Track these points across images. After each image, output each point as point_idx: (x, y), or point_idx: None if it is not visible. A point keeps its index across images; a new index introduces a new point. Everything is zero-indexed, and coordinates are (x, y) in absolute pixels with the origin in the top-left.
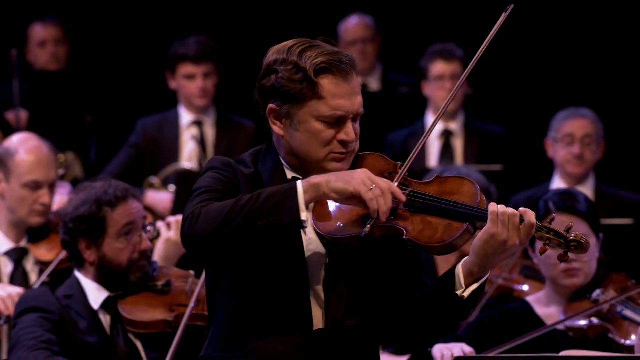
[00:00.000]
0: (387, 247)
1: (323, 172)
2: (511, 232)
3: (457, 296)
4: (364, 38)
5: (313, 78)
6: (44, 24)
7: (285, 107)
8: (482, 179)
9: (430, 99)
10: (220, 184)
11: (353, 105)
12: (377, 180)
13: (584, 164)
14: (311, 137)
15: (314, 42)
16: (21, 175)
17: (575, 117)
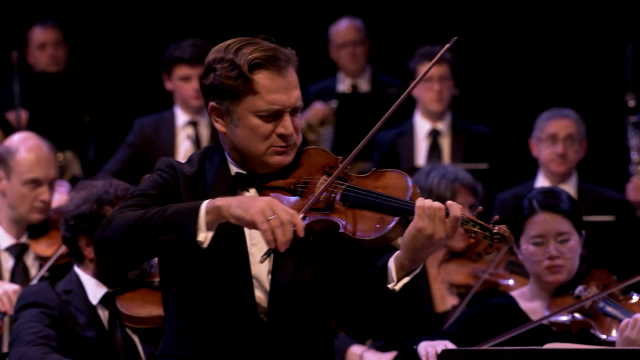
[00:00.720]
0: (328, 239)
1: (266, 166)
2: (437, 226)
3: (389, 289)
4: (354, 41)
5: (247, 74)
6: (44, 27)
7: (225, 104)
8: (468, 177)
9: (419, 99)
10: (155, 187)
11: (289, 99)
12: (279, 210)
13: (567, 162)
14: (250, 132)
15: (252, 40)
16: (21, 173)
17: (559, 118)
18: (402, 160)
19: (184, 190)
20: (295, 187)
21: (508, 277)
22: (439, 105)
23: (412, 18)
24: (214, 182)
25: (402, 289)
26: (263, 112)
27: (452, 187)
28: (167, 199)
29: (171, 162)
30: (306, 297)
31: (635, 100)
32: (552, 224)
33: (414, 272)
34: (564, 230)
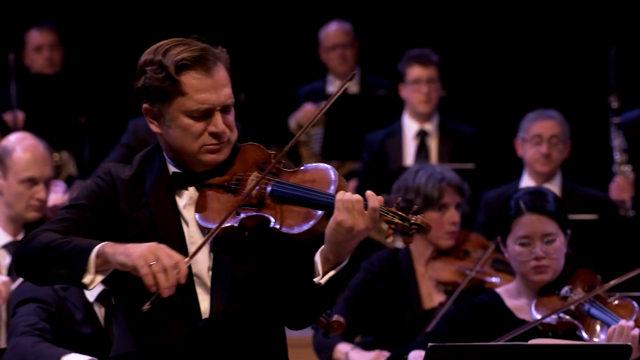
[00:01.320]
0: (263, 234)
1: (201, 164)
2: (357, 218)
3: (315, 283)
4: (343, 43)
5: (174, 75)
6: (40, 30)
7: (157, 106)
8: (455, 177)
9: (407, 101)
10: (89, 196)
11: (219, 98)
12: (162, 255)
13: (551, 162)
14: (183, 132)
15: (182, 41)
16: (18, 172)
17: (543, 118)
18: (390, 161)
19: (122, 194)
20: (229, 184)
21: (494, 274)
22: (427, 107)
23: (400, 21)
24: (154, 183)
25: (327, 283)
26: (193, 112)
27: (439, 186)
28: (100, 207)
29: (109, 169)
30: (246, 292)
31: (618, 102)
32: (538, 225)
33: (340, 265)
34: (550, 231)
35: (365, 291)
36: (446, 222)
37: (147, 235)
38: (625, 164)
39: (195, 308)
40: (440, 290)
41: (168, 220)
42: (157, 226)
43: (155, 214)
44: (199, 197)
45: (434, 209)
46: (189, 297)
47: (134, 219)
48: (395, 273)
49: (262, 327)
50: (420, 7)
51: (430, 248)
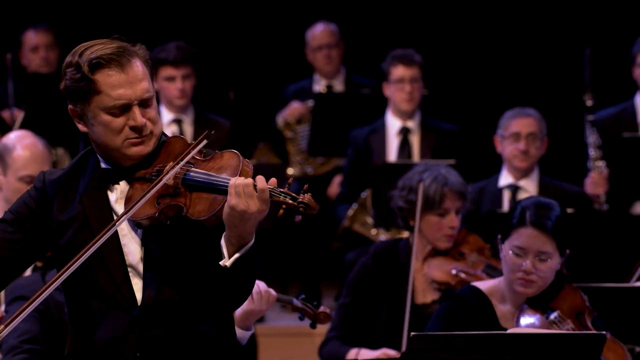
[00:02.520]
0: (181, 222)
1: (127, 158)
2: (248, 201)
3: (221, 266)
4: (329, 44)
5: (89, 75)
6: (37, 31)
7: (79, 106)
8: (458, 181)
9: (390, 99)
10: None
11: (135, 92)
12: None
13: (529, 158)
14: (105, 129)
15: (98, 41)
16: (17, 169)
17: (521, 116)
18: (374, 156)
19: (57, 195)
20: (151, 176)
21: (485, 279)
22: (410, 105)
23: (384, 22)
24: (88, 181)
25: (234, 264)
26: (111, 109)
27: (441, 191)
28: (30, 216)
29: (42, 175)
30: (176, 279)
31: (592, 100)
32: (536, 241)
33: (245, 246)
34: (545, 250)
35: (361, 288)
36: (445, 226)
37: (81, 231)
38: (600, 159)
39: (132, 298)
40: (434, 287)
41: (100, 215)
42: (90, 222)
43: (87, 210)
44: (128, 190)
45: (434, 212)
46: (125, 288)
47: (68, 220)
48: (391, 264)
49: (197, 312)
50: (403, 9)
51: (429, 247)
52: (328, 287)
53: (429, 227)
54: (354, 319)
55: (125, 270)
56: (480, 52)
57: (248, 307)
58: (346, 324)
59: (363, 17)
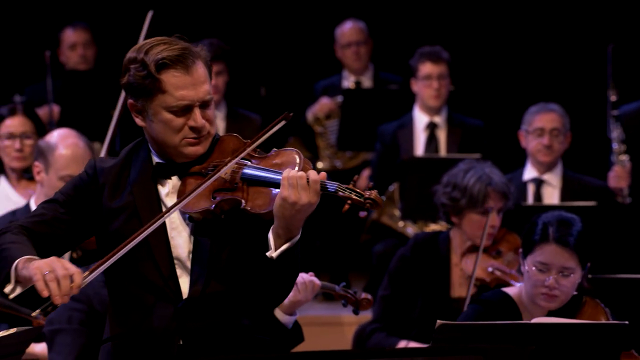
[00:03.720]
0: (238, 216)
1: (183, 155)
2: (300, 193)
3: (267, 257)
4: (357, 41)
5: (154, 74)
6: (75, 29)
7: (140, 102)
8: (502, 181)
9: (418, 95)
10: (71, 190)
11: (197, 94)
12: (56, 267)
13: (553, 153)
14: (164, 126)
15: (163, 40)
16: (59, 168)
17: (545, 112)
18: (402, 151)
19: (106, 183)
20: (207, 171)
21: (520, 280)
22: (437, 102)
23: (411, 20)
24: (138, 173)
25: (280, 256)
26: (173, 108)
27: (485, 190)
28: (80, 200)
29: (93, 162)
30: (224, 273)
31: (616, 96)
32: (559, 258)
33: (292, 239)
34: (569, 265)
35: (400, 279)
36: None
37: (130, 221)
38: (623, 153)
39: (177, 290)
40: (469, 282)
41: (150, 207)
42: (139, 213)
43: (137, 201)
44: (181, 185)
45: (476, 210)
46: (170, 280)
47: (118, 209)
48: (431, 256)
49: (240, 305)
50: (430, 7)
51: (468, 242)
52: (356, 278)
53: (470, 224)
54: (396, 310)
55: (172, 262)
56: (505, 49)
57: (294, 298)
58: (388, 315)
59: (391, 15)
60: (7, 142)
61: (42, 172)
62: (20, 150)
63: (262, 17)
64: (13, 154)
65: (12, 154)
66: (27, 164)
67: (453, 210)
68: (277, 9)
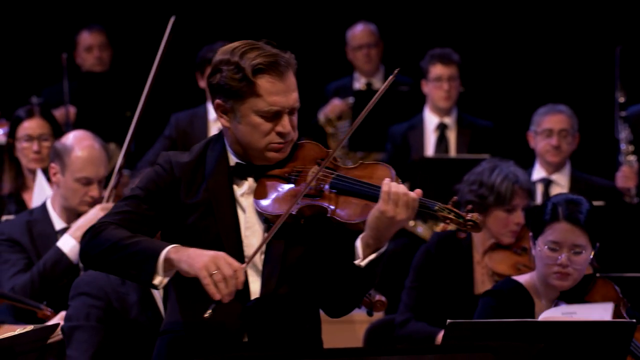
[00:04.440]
0: (317, 223)
1: (264, 159)
2: (399, 209)
3: (355, 265)
4: (368, 43)
5: (251, 77)
6: (91, 31)
7: (229, 103)
8: (527, 180)
9: (428, 96)
10: (148, 184)
11: (288, 101)
12: (223, 265)
13: (561, 153)
14: (252, 129)
15: (255, 44)
16: (75, 170)
17: (553, 113)
18: (412, 151)
19: (182, 179)
20: (290, 176)
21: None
22: (448, 103)
23: (422, 22)
24: (213, 170)
25: (367, 266)
26: (264, 112)
27: (512, 188)
28: (159, 195)
29: (169, 157)
30: (295, 276)
31: (625, 97)
32: (570, 235)
33: (380, 250)
34: (579, 243)
35: (426, 273)
36: (511, 222)
37: (205, 219)
38: (631, 154)
39: (245, 289)
40: (493, 279)
41: (226, 206)
42: (214, 211)
43: (213, 200)
44: (257, 186)
45: (503, 208)
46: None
47: (193, 205)
48: (454, 254)
49: (306, 310)
50: (440, 10)
51: (491, 240)
52: None
53: (495, 222)
54: (426, 301)
55: (242, 261)
56: (514, 52)
57: None
58: (420, 305)
59: (402, 17)
60: (25, 144)
61: (58, 174)
62: (38, 152)
63: (274, 19)
64: (31, 155)
65: (30, 155)
66: (45, 165)
67: (479, 207)
68: (289, 11)
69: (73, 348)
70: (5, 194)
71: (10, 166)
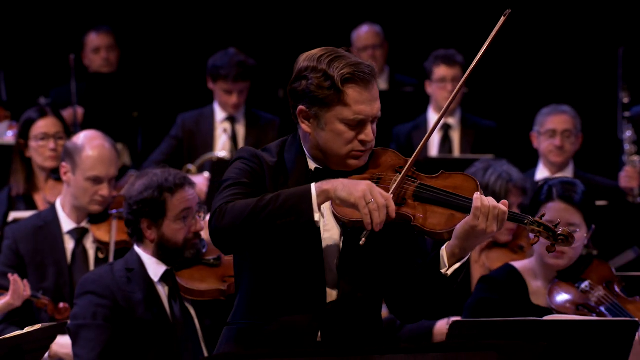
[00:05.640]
0: (397, 229)
1: (344, 165)
2: (490, 222)
3: (442, 274)
4: (373, 44)
5: (340, 86)
6: (98, 33)
7: (314, 110)
8: (521, 178)
9: (432, 97)
10: (246, 175)
11: (372, 110)
12: (376, 194)
13: (564, 154)
14: (335, 136)
15: (340, 53)
16: (85, 170)
17: (557, 113)
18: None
19: (268, 178)
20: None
21: None
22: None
23: (426, 24)
24: (294, 173)
25: (453, 274)
26: (350, 121)
27: (506, 186)
28: (256, 186)
29: (256, 152)
30: (369, 279)
31: (629, 97)
32: (564, 214)
33: (464, 259)
34: (574, 221)
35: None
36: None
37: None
38: (635, 154)
39: (322, 292)
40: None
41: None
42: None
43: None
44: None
45: None
46: (318, 283)
47: None
48: None
49: (375, 314)
50: (444, 11)
51: (489, 240)
52: None
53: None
54: None
55: (321, 263)
56: (518, 52)
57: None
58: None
59: (406, 18)
60: (41, 143)
61: (69, 173)
62: (54, 149)
63: (280, 20)
64: (47, 153)
65: (46, 153)
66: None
67: None
68: (295, 12)
69: (80, 346)
70: (16, 195)
71: (21, 167)
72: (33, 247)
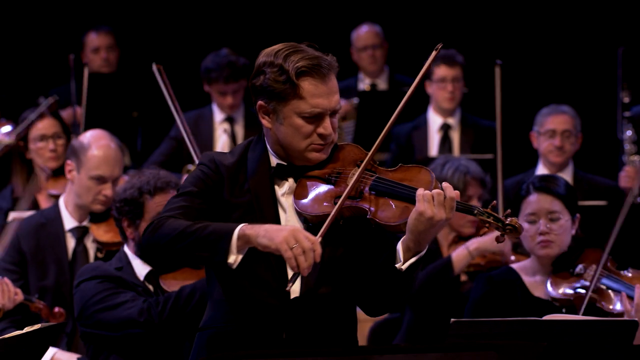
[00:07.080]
0: (356, 224)
1: (305, 160)
2: (436, 209)
3: (396, 269)
4: (373, 44)
5: (294, 80)
6: (98, 33)
7: (272, 104)
8: (479, 170)
9: (432, 96)
10: (197, 183)
11: (330, 103)
12: (302, 238)
13: (564, 154)
14: (294, 131)
15: (298, 47)
16: (90, 168)
17: (556, 113)
18: (416, 151)
19: (226, 179)
20: (330, 177)
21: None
22: (451, 104)
23: (426, 23)
24: (255, 171)
25: (408, 269)
26: (306, 114)
27: (464, 179)
28: (207, 192)
29: (212, 157)
30: (334, 275)
31: (629, 97)
32: (543, 203)
33: (420, 253)
34: (554, 209)
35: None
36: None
37: (247, 218)
38: (635, 154)
39: (285, 286)
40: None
41: (267, 205)
42: (256, 211)
43: (255, 200)
44: (297, 186)
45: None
46: (280, 277)
47: (236, 204)
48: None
49: (343, 309)
50: (444, 11)
51: (453, 233)
52: None
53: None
54: None
55: (283, 260)
56: (517, 52)
57: None
58: None
59: (406, 18)
60: (40, 144)
61: (73, 171)
62: (54, 150)
63: (279, 19)
64: (47, 154)
65: (46, 154)
66: (61, 163)
67: None
68: (294, 12)
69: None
70: (18, 196)
71: (22, 169)
72: (35, 243)
